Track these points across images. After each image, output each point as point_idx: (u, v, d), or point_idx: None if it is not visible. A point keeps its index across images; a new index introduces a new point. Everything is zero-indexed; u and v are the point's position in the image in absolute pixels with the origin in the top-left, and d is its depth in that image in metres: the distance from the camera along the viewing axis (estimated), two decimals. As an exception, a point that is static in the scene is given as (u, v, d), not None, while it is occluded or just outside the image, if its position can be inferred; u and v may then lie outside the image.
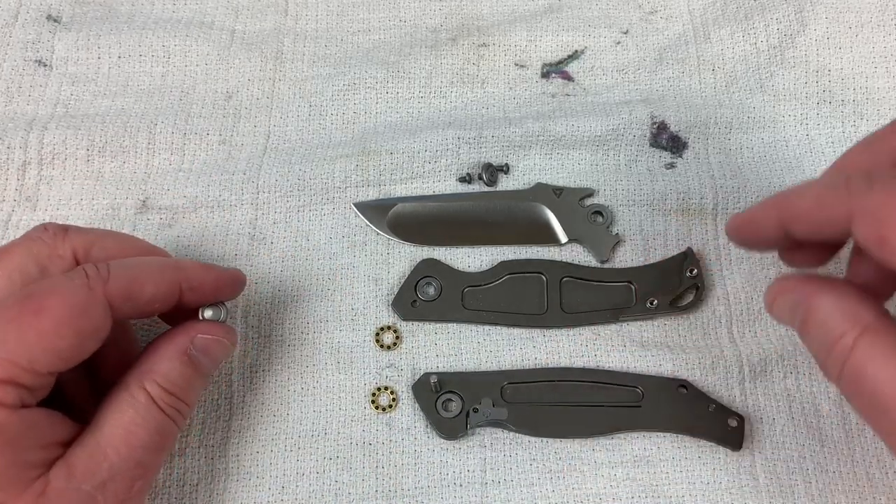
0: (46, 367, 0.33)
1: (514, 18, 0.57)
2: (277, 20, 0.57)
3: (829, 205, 0.30)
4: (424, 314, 0.47)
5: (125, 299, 0.35)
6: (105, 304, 0.34)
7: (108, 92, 0.54)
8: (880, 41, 0.53)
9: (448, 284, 0.47)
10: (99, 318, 0.34)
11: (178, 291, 0.38)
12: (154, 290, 0.36)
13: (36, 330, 0.32)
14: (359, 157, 0.51)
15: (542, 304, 0.47)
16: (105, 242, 0.39)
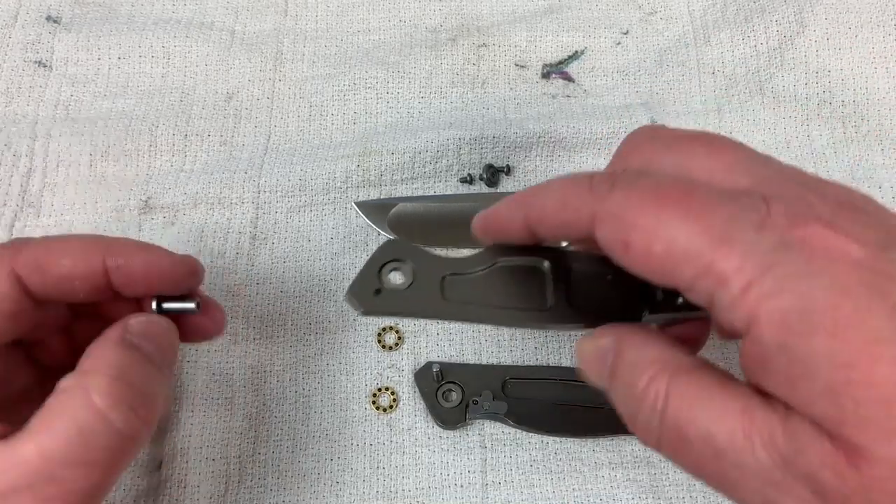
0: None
1: (515, 19, 0.57)
2: (277, 20, 0.57)
3: (572, 206, 0.28)
4: (392, 306, 0.36)
5: (36, 271, 0.32)
6: (12, 275, 0.32)
7: (108, 93, 0.54)
8: (880, 41, 0.53)
9: (423, 270, 0.37)
10: (4, 289, 0.32)
11: (101, 268, 0.33)
12: (71, 262, 0.32)
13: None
14: (360, 157, 0.51)
15: (545, 297, 0.37)
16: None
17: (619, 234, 0.26)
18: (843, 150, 0.51)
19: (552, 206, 0.30)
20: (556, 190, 0.30)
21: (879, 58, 0.53)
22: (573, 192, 0.29)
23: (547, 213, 0.30)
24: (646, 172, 0.28)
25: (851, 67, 0.53)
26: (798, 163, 0.51)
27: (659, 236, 0.25)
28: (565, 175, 0.31)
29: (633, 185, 0.27)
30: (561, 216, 0.29)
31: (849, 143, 0.51)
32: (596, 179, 0.28)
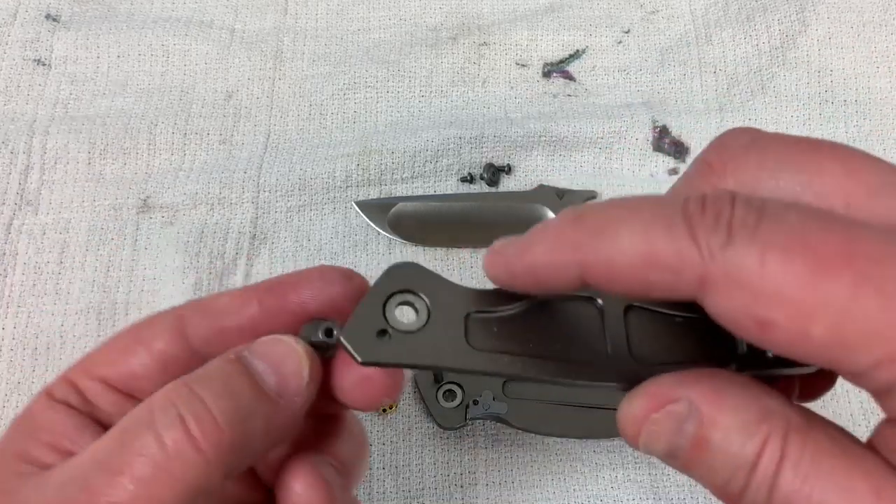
0: (118, 384, 0.29)
1: (515, 17, 0.57)
2: (277, 19, 0.57)
3: (664, 262, 0.20)
4: (401, 353, 0.27)
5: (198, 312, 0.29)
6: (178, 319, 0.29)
7: (107, 91, 0.54)
8: (882, 40, 0.53)
9: (441, 306, 0.28)
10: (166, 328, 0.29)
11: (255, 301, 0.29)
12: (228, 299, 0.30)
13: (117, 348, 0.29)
14: (360, 157, 0.51)
15: (599, 345, 0.27)
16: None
17: (752, 310, 0.19)
18: (846, 150, 0.51)
19: (629, 258, 0.21)
20: (632, 232, 0.20)
21: (881, 57, 0.53)
22: (663, 240, 0.20)
23: (620, 267, 0.21)
24: (770, 209, 0.20)
25: (853, 67, 0.53)
26: (800, 162, 0.51)
27: (820, 315, 0.18)
28: (634, 201, 0.21)
29: (763, 236, 0.19)
30: (645, 275, 0.21)
31: (851, 142, 0.51)
32: (699, 222, 0.20)
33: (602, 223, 0.21)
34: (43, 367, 0.46)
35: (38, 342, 0.46)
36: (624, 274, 0.21)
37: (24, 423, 0.29)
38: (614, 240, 0.21)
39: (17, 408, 0.44)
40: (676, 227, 0.20)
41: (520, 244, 0.23)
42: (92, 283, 0.48)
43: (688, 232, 0.20)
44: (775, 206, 0.20)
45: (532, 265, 0.23)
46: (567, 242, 0.22)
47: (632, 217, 0.21)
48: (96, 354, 0.30)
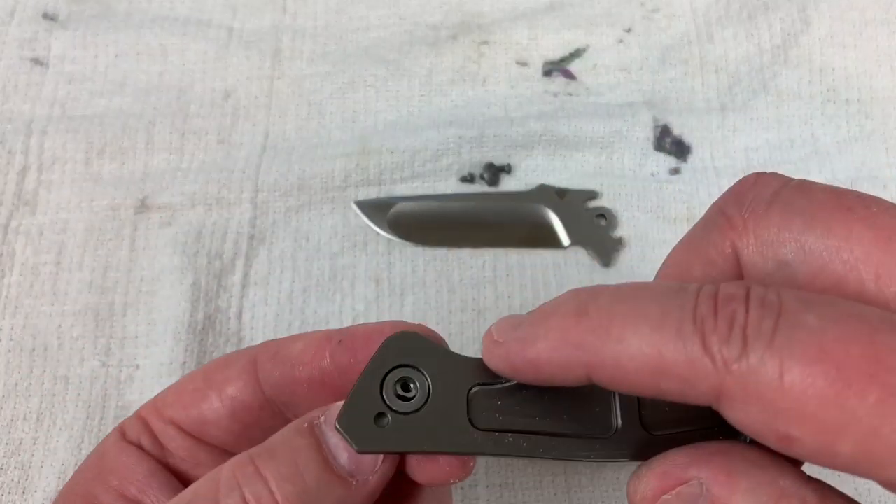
0: (189, 428, 0.29)
1: (516, 16, 0.57)
2: (275, 18, 0.56)
3: (675, 370, 0.19)
4: (400, 439, 0.26)
5: (271, 357, 0.29)
6: (252, 362, 0.29)
7: (105, 91, 0.54)
8: (884, 39, 0.53)
9: (442, 381, 0.26)
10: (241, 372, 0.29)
11: (325, 350, 0.28)
12: (302, 345, 0.29)
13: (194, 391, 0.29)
14: (359, 156, 0.51)
15: (609, 417, 0.26)
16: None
17: (773, 425, 0.18)
18: (848, 149, 0.51)
19: (638, 365, 0.19)
20: (640, 337, 0.19)
21: (884, 55, 0.53)
22: (673, 348, 0.19)
23: (628, 373, 0.20)
24: (788, 310, 0.18)
25: (856, 65, 0.53)
26: (802, 162, 0.51)
27: (846, 434, 0.17)
28: (642, 295, 0.20)
29: (781, 345, 0.18)
30: (655, 383, 0.19)
31: (853, 141, 0.51)
32: (711, 328, 0.18)
33: (607, 322, 0.20)
34: (41, 367, 0.45)
35: (36, 343, 0.46)
36: (632, 380, 0.20)
37: (96, 463, 0.29)
38: (621, 344, 0.19)
39: (14, 409, 0.44)
40: (687, 333, 0.19)
41: (521, 335, 0.22)
42: (90, 283, 0.48)
43: (699, 340, 0.18)
44: (793, 304, 0.18)
45: (535, 362, 0.22)
46: (571, 342, 0.20)
47: (639, 318, 0.19)
48: (169, 394, 0.30)
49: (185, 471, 0.30)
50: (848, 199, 0.21)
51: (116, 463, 0.29)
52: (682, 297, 0.19)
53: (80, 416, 0.44)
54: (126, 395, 0.45)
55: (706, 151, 0.51)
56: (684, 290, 0.20)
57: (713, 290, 0.19)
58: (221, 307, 0.47)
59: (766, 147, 0.52)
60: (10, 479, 0.43)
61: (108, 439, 0.30)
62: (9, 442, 0.44)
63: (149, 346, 0.46)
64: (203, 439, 0.29)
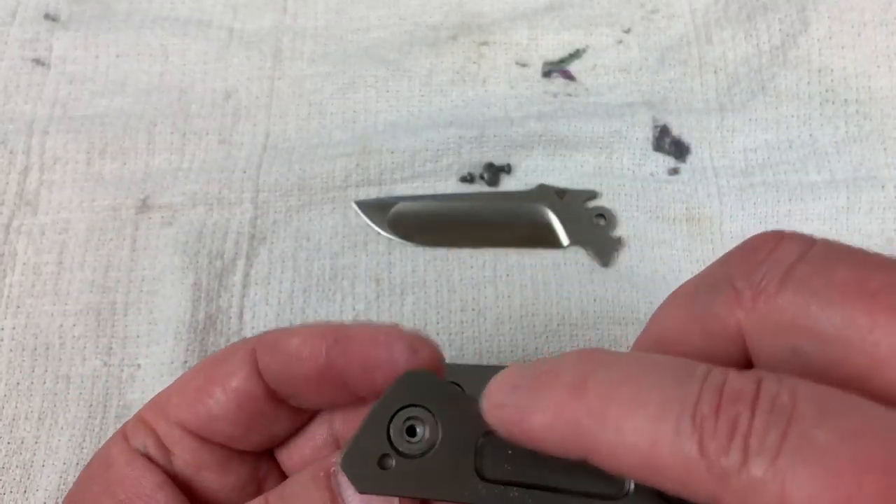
0: (195, 427, 0.29)
1: (515, 16, 0.57)
2: (276, 18, 0.57)
3: (672, 467, 0.18)
4: (403, 484, 0.25)
5: (270, 350, 0.28)
6: (251, 355, 0.28)
7: (106, 91, 0.54)
8: (883, 40, 0.53)
9: (451, 426, 0.25)
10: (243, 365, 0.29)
11: (322, 349, 0.28)
12: (299, 341, 0.28)
13: (196, 390, 0.29)
14: (359, 156, 0.51)
15: (622, 480, 0.25)
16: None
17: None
18: (846, 150, 0.51)
19: (633, 457, 0.18)
20: (636, 429, 0.18)
21: (883, 56, 0.53)
22: (670, 445, 0.17)
23: (623, 463, 0.19)
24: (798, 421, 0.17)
25: (854, 66, 0.53)
26: (801, 162, 0.51)
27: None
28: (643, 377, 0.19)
29: (786, 463, 0.16)
30: (649, 477, 0.18)
31: (851, 142, 0.51)
32: (711, 432, 0.17)
33: (605, 406, 0.19)
34: (42, 367, 0.45)
35: (38, 342, 0.46)
36: (627, 471, 0.19)
37: (102, 474, 0.29)
38: (617, 433, 0.18)
39: (16, 408, 0.44)
40: (685, 432, 0.17)
41: (518, 403, 0.21)
42: (91, 283, 0.48)
43: (697, 442, 0.17)
44: (807, 411, 0.16)
45: (530, 434, 0.20)
46: (567, 420, 0.19)
47: (637, 407, 0.18)
48: (172, 395, 0.29)
49: (189, 476, 0.29)
50: (873, 281, 0.18)
51: (123, 475, 0.28)
52: (686, 386, 0.18)
53: (81, 415, 0.44)
54: (127, 394, 0.45)
55: (705, 152, 0.52)
56: (689, 377, 0.18)
57: (720, 382, 0.17)
58: (222, 307, 0.47)
59: (764, 147, 0.52)
60: (11, 478, 0.43)
61: (114, 447, 0.29)
62: (10, 441, 0.44)
63: (150, 346, 0.46)
64: (209, 438, 0.29)
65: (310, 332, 0.28)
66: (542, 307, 0.47)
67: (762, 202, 0.50)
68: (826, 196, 0.49)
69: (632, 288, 0.48)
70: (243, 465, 0.30)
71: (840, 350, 0.18)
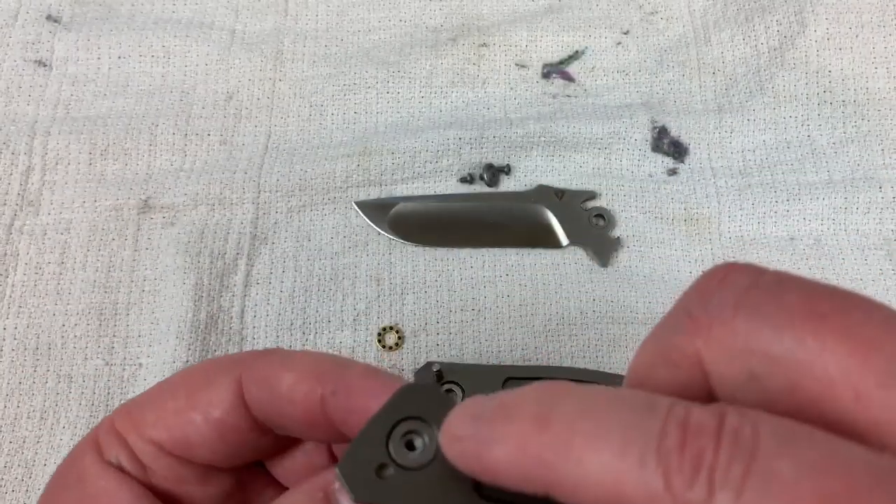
0: (172, 450, 0.27)
1: (515, 18, 0.57)
2: (277, 20, 0.57)
3: (635, 501, 0.17)
4: (401, 495, 0.24)
5: (259, 384, 0.27)
6: (237, 386, 0.27)
7: (108, 92, 0.54)
8: (881, 41, 0.53)
9: None
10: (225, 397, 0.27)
11: (318, 395, 0.26)
12: (294, 380, 0.26)
13: (172, 406, 0.27)
14: (360, 157, 0.51)
15: None
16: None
17: None
18: (844, 150, 0.51)
19: (597, 491, 0.18)
20: (599, 462, 0.18)
21: (880, 58, 0.53)
22: (634, 480, 0.17)
23: (586, 494, 0.18)
24: (763, 455, 0.17)
25: (852, 67, 0.53)
26: (799, 163, 0.51)
27: None
28: (606, 411, 0.19)
29: (750, 497, 0.16)
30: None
31: (849, 143, 0.51)
32: (676, 467, 0.17)
33: (568, 439, 0.18)
34: (44, 366, 0.46)
35: (40, 342, 0.46)
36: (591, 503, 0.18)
37: (74, 485, 0.27)
38: (580, 467, 0.18)
39: (17, 408, 0.45)
40: (650, 466, 0.17)
41: (479, 436, 0.20)
42: (93, 283, 0.48)
43: (662, 477, 0.17)
44: (769, 444, 0.17)
45: (492, 469, 0.20)
46: (529, 455, 0.19)
47: (601, 440, 0.18)
48: (146, 409, 0.27)
49: (167, 488, 0.28)
50: (822, 303, 0.18)
51: (97, 489, 0.27)
52: (649, 420, 0.18)
53: (83, 414, 0.45)
54: (129, 393, 0.45)
55: (703, 152, 0.52)
56: (653, 411, 0.18)
57: (683, 416, 0.17)
58: (224, 306, 0.47)
59: (762, 148, 0.52)
60: (13, 476, 0.43)
61: (85, 458, 0.27)
62: (12, 440, 0.44)
63: (152, 345, 0.46)
64: (188, 458, 0.27)
65: (304, 370, 0.26)
66: (542, 307, 0.48)
67: (760, 202, 0.50)
68: (824, 196, 0.49)
69: (630, 288, 0.48)
70: (227, 477, 0.29)
71: (792, 373, 0.18)
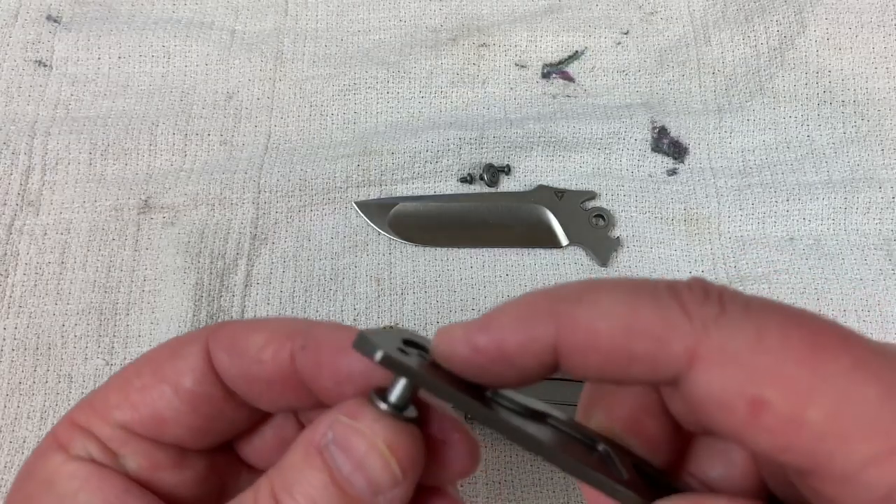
0: (142, 430, 0.25)
1: (515, 18, 0.57)
2: (277, 20, 0.57)
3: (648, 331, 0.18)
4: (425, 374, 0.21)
5: (228, 349, 0.25)
6: (205, 352, 0.25)
7: (108, 93, 0.54)
8: (880, 42, 0.53)
9: None
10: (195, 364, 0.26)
11: (287, 353, 0.25)
12: (262, 339, 0.25)
13: (135, 387, 0.25)
14: (360, 157, 0.51)
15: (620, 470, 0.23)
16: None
17: (746, 388, 0.18)
18: (843, 150, 0.51)
19: (610, 326, 0.19)
20: (614, 300, 0.19)
21: (880, 58, 0.53)
22: (650, 308, 0.18)
23: (601, 336, 0.19)
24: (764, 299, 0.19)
25: (852, 67, 0.53)
26: (798, 163, 0.51)
27: (818, 397, 0.17)
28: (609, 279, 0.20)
29: (758, 311, 0.18)
30: (628, 345, 0.19)
31: (849, 143, 0.51)
32: (689, 296, 0.19)
33: (579, 291, 0.19)
34: (45, 366, 0.46)
35: (40, 342, 0.46)
36: (605, 344, 0.19)
37: (42, 492, 0.24)
38: (595, 305, 0.19)
39: (18, 408, 0.45)
40: (663, 297, 0.19)
41: (479, 319, 0.20)
42: (93, 283, 0.48)
43: (677, 302, 0.18)
44: (768, 300, 0.19)
45: (498, 339, 0.19)
46: (540, 310, 0.19)
47: (612, 286, 0.19)
48: (110, 393, 0.26)
49: (141, 477, 0.25)
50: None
51: (70, 487, 0.24)
52: (647, 283, 0.20)
53: (83, 414, 0.45)
54: (129, 393, 0.45)
55: (703, 153, 0.52)
56: (644, 282, 0.20)
57: (671, 281, 0.20)
58: (224, 306, 0.47)
59: (762, 148, 0.52)
60: (13, 476, 0.43)
61: (49, 461, 0.25)
62: (13, 440, 0.44)
63: (152, 345, 0.45)
64: (158, 439, 0.25)
65: (272, 330, 0.25)
66: (542, 307, 0.48)
67: (760, 202, 0.50)
68: (824, 196, 0.49)
69: (630, 288, 0.48)
70: (200, 460, 0.27)
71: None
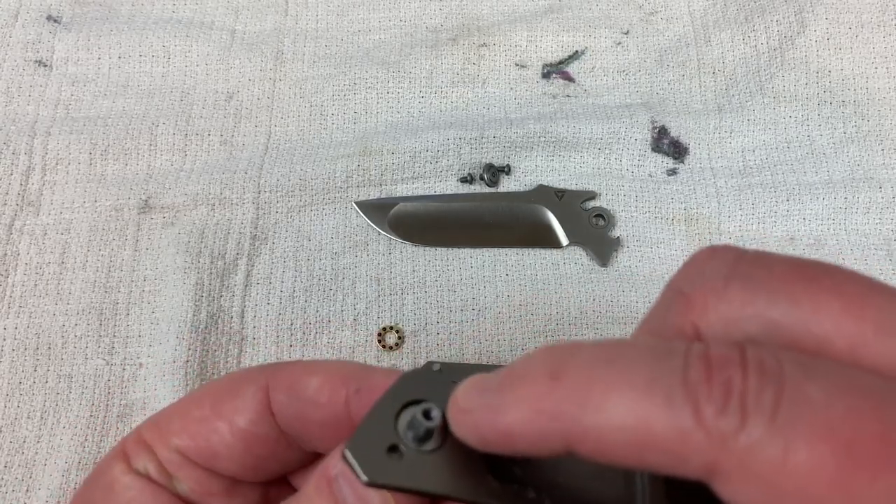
0: (198, 459, 0.27)
1: (515, 18, 0.57)
2: (278, 20, 0.57)
3: (664, 441, 0.17)
4: (414, 477, 0.23)
5: (286, 391, 0.27)
6: (263, 393, 0.27)
7: (108, 93, 0.54)
8: (880, 41, 0.53)
9: None
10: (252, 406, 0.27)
11: (343, 396, 0.26)
12: (319, 383, 0.26)
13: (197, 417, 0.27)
14: (360, 157, 0.51)
15: (632, 497, 0.24)
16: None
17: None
18: (844, 150, 0.51)
19: (622, 436, 0.17)
20: (623, 405, 0.17)
21: (880, 58, 0.53)
22: (662, 417, 0.17)
23: (611, 445, 0.18)
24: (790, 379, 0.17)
25: (852, 67, 0.53)
26: (798, 163, 0.51)
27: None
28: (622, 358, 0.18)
29: (785, 422, 0.16)
30: (641, 456, 0.17)
31: (849, 143, 0.51)
32: (706, 398, 0.16)
33: (586, 388, 0.18)
34: (45, 366, 0.46)
35: (40, 342, 0.46)
36: (616, 452, 0.17)
37: (102, 495, 0.27)
38: (602, 413, 0.17)
39: (18, 408, 0.45)
40: (678, 402, 0.17)
41: (490, 403, 0.19)
42: (93, 283, 0.48)
43: (692, 410, 0.16)
44: (794, 372, 0.17)
45: (507, 434, 0.19)
46: (545, 410, 0.18)
47: (622, 384, 0.17)
48: (173, 418, 0.27)
49: (193, 501, 0.28)
50: (809, 269, 0.19)
51: (126, 498, 0.27)
52: (669, 359, 0.17)
53: (83, 414, 0.45)
54: (129, 393, 0.45)
55: (703, 152, 0.52)
56: (671, 351, 0.18)
57: (703, 350, 0.17)
58: (224, 306, 0.47)
59: (762, 148, 0.52)
60: (14, 476, 0.43)
61: (114, 468, 0.27)
62: (13, 440, 0.44)
63: (152, 345, 0.46)
64: (214, 469, 0.27)
65: (329, 373, 0.26)
66: (542, 306, 0.48)
67: (760, 202, 0.50)
68: (824, 196, 0.49)
69: (630, 287, 0.48)
70: (253, 491, 0.29)
71: (789, 333, 0.18)
